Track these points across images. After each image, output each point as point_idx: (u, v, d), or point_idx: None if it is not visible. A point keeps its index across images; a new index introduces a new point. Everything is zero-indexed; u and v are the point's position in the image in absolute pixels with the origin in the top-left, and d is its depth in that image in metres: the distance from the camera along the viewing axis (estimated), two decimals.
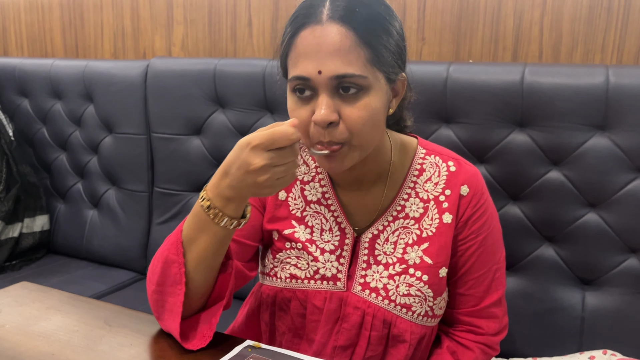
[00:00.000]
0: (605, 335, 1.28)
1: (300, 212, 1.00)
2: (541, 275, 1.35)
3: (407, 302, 0.96)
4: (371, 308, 0.96)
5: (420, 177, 0.99)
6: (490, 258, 1.01)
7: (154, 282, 0.88)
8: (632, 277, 1.27)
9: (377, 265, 0.97)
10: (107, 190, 1.95)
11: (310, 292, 0.98)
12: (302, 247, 0.98)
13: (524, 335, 1.34)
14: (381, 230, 0.98)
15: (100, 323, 0.92)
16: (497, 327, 1.03)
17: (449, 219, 0.97)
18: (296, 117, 0.85)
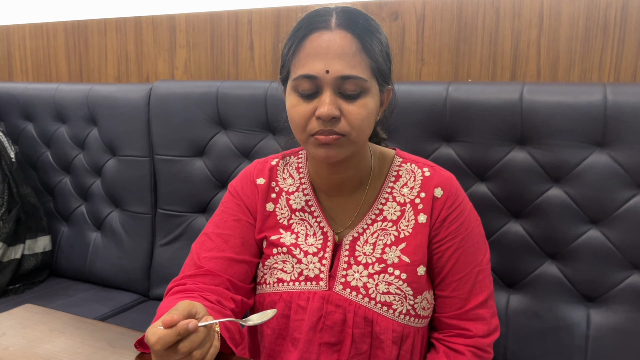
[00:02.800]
0: (611, 354, 1.28)
1: (287, 220, 1.06)
2: (544, 292, 1.34)
3: (387, 300, 0.98)
4: (352, 306, 0.99)
5: (397, 183, 1.04)
6: (471, 260, 1.03)
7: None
8: (636, 293, 1.26)
9: (357, 265, 1.00)
10: (110, 212, 1.96)
11: (295, 293, 1.02)
12: (287, 250, 1.03)
13: (528, 354, 1.34)
14: (361, 232, 1.02)
15: (103, 344, 0.93)
16: (486, 328, 1.04)
17: (423, 219, 1.01)
18: (298, 112, 0.92)
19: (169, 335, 0.73)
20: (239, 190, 1.09)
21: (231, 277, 1.01)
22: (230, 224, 1.06)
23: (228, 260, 1.02)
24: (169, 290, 1.00)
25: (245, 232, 1.06)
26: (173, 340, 0.73)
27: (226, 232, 1.05)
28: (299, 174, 1.09)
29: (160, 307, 0.93)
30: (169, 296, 0.97)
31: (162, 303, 0.95)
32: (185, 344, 0.73)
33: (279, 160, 1.11)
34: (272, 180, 1.09)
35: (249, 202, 1.08)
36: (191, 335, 0.74)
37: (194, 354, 0.75)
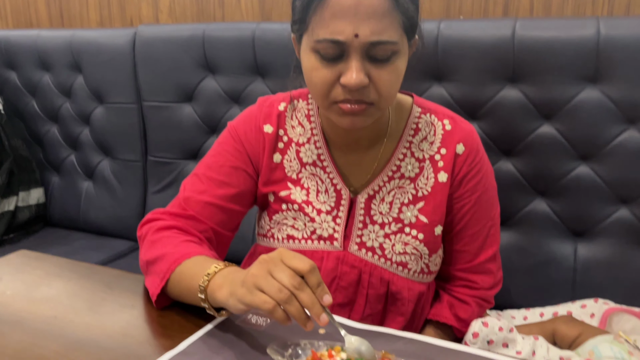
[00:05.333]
0: (596, 285, 1.31)
1: (296, 174, 1.00)
2: (534, 229, 1.37)
3: (403, 260, 0.97)
4: (368, 267, 0.97)
5: (416, 137, 0.99)
6: (485, 215, 1.02)
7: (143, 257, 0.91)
8: (622, 227, 1.29)
9: (373, 225, 0.98)
10: (100, 161, 1.95)
11: (308, 251, 0.99)
12: (299, 208, 0.99)
13: (517, 288, 1.37)
14: (377, 190, 0.98)
15: (101, 287, 0.94)
16: (492, 281, 1.06)
17: (444, 178, 0.97)
18: (318, 77, 0.83)
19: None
20: (241, 135, 1.00)
21: (216, 225, 0.96)
22: (226, 171, 0.98)
23: (216, 207, 0.96)
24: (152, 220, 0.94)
25: (242, 183, 0.99)
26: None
27: (220, 178, 0.98)
28: (310, 123, 1.00)
29: (166, 243, 0.88)
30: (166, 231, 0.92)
31: (166, 239, 0.89)
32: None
33: (286, 105, 1.01)
34: (280, 128, 1.00)
35: (253, 151, 0.99)
36: None
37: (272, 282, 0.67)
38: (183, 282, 0.81)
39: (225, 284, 0.74)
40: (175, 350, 0.75)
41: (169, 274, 0.83)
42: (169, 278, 0.83)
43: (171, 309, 0.86)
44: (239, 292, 0.69)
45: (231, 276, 0.74)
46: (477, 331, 0.99)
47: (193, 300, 0.80)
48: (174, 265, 0.83)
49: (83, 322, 0.82)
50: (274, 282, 0.66)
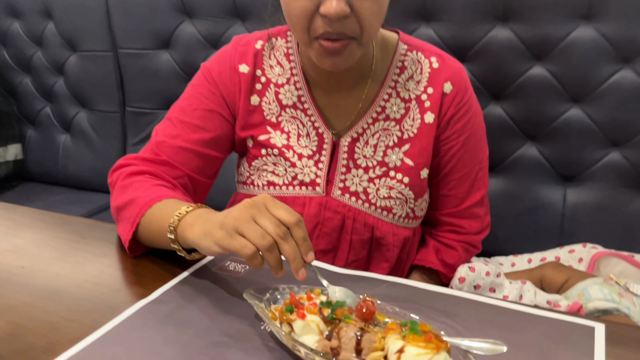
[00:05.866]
0: (585, 230, 1.30)
1: (276, 118, 0.95)
2: (523, 174, 1.34)
3: (388, 205, 0.94)
4: (351, 212, 0.94)
5: (402, 76, 0.94)
6: (473, 158, 0.98)
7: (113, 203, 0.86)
8: (613, 171, 1.26)
9: (356, 169, 0.94)
10: (77, 113, 1.88)
11: (289, 198, 0.95)
12: (279, 153, 0.95)
13: (505, 235, 1.35)
14: (360, 133, 0.94)
15: (72, 236, 0.90)
16: (479, 226, 1.03)
17: (430, 119, 0.93)
18: (297, 7, 0.77)
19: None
20: (215, 76, 0.94)
21: (192, 171, 0.92)
22: (200, 114, 0.93)
23: (191, 152, 0.91)
24: (124, 166, 0.90)
25: (218, 127, 0.94)
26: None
27: (194, 122, 0.92)
28: (289, 62, 0.94)
29: (137, 187, 0.83)
30: (137, 176, 0.87)
31: (137, 184, 0.84)
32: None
33: (264, 43, 0.95)
34: (258, 67, 0.94)
35: (228, 92, 0.94)
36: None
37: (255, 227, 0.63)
38: (153, 224, 0.77)
39: (197, 223, 0.70)
40: (149, 298, 0.71)
41: (139, 218, 0.78)
42: (139, 222, 0.79)
43: (145, 258, 0.83)
44: (217, 235, 0.65)
45: (204, 216, 0.70)
46: (464, 276, 0.97)
47: (164, 244, 0.76)
48: (144, 208, 0.78)
49: (52, 271, 0.79)
50: (257, 228, 0.62)
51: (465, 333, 0.64)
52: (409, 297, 0.72)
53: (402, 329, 0.55)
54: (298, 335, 0.57)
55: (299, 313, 0.58)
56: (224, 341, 0.63)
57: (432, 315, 0.68)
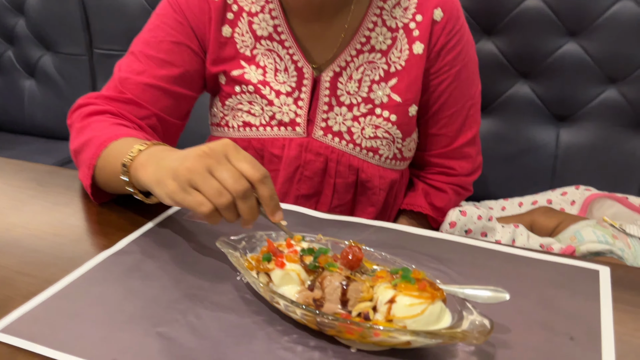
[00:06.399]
0: (578, 172, 1.25)
1: (250, 51, 0.87)
2: (515, 115, 1.28)
3: (374, 146, 0.87)
4: (335, 154, 0.87)
5: (388, 2, 0.85)
6: (465, 93, 0.91)
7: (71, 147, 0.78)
8: (609, 109, 1.20)
9: (339, 107, 0.87)
10: (41, 56, 1.76)
11: (267, 140, 0.88)
12: (255, 90, 0.87)
13: (495, 178, 1.30)
14: (343, 67, 0.86)
15: (31, 184, 0.82)
16: (471, 167, 0.97)
17: (419, 50, 0.85)
18: None
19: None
20: (182, 4, 0.85)
21: (160, 110, 0.84)
22: (166, 47, 0.85)
23: (158, 90, 0.84)
24: (83, 106, 0.82)
25: (186, 62, 0.86)
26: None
27: (160, 56, 0.84)
28: None
29: (94, 127, 0.76)
30: (97, 116, 0.79)
31: (95, 124, 0.77)
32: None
33: None
34: None
35: (197, 23, 0.86)
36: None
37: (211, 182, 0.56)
38: (108, 166, 0.70)
39: (150, 165, 0.62)
40: (112, 249, 0.65)
41: (95, 159, 0.71)
42: (96, 164, 0.71)
43: (111, 206, 0.76)
44: (169, 187, 0.57)
45: (158, 155, 0.62)
46: (455, 220, 0.92)
47: (122, 188, 0.69)
48: (99, 149, 0.71)
49: (7, 222, 0.71)
50: (213, 183, 0.54)
51: (460, 280, 0.58)
52: (398, 243, 0.67)
53: (393, 277, 0.49)
54: (277, 286, 0.52)
55: (277, 262, 0.52)
56: (196, 294, 0.57)
57: (423, 261, 0.62)
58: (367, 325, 0.45)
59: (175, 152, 0.60)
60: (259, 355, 0.48)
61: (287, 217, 0.72)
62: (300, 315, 0.49)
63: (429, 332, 0.44)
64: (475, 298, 0.49)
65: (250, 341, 0.50)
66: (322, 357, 0.48)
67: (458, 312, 0.47)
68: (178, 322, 0.53)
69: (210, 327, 0.52)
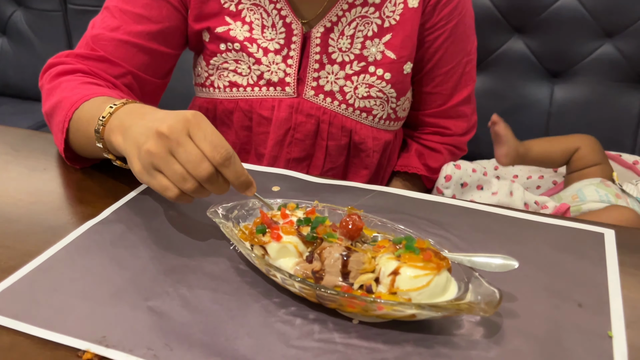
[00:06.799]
0: (571, 129, 1.22)
1: (235, 5, 0.82)
2: (508, 71, 1.25)
3: (367, 106, 0.84)
4: (327, 115, 0.84)
5: None
6: (461, 49, 0.88)
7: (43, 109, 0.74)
8: (605, 64, 1.18)
9: (331, 65, 0.83)
10: (13, 12, 1.67)
11: (255, 100, 0.84)
12: (241, 47, 0.82)
13: (487, 136, 1.27)
14: (335, 22, 0.81)
15: (5, 149, 0.78)
16: (466, 126, 0.95)
17: (415, 3, 0.81)
18: None
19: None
20: None
21: (136, 68, 0.79)
22: (144, 2, 0.79)
23: (134, 47, 0.79)
24: (54, 65, 0.77)
25: (166, 18, 0.80)
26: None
27: (137, 11, 0.79)
28: None
29: (64, 87, 0.71)
30: (67, 75, 0.74)
31: (65, 84, 0.72)
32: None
33: None
34: None
35: None
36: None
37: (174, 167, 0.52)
38: (81, 130, 0.66)
39: (120, 132, 0.57)
40: (96, 218, 0.61)
41: (66, 123, 0.67)
42: (69, 128, 0.67)
43: (92, 172, 0.72)
44: (135, 166, 0.53)
45: (127, 121, 0.57)
46: (450, 174, 0.90)
47: (98, 152, 0.65)
48: (70, 111, 0.66)
49: None
50: (176, 168, 0.50)
51: (462, 245, 0.56)
52: (396, 207, 0.64)
53: (396, 247, 0.46)
54: (273, 259, 0.49)
55: (273, 234, 0.49)
56: (187, 264, 0.54)
57: (422, 226, 0.60)
58: (370, 299, 0.43)
59: (142, 118, 0.55)
60: (255, 329, 0.46)
61: (279, 182, 0.70)
62: (299, 289, 0.46)
63: (435, 305, 0.42)
64: (483, 266, 0.47)
65: (246, 314, 0.48)
66: (322, 330, 0.46)
67: (464, 282, 0.45)
68: (169, 295, 0.50)
69: (203, 299, 0.49)
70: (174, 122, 0.51)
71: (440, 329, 0.45)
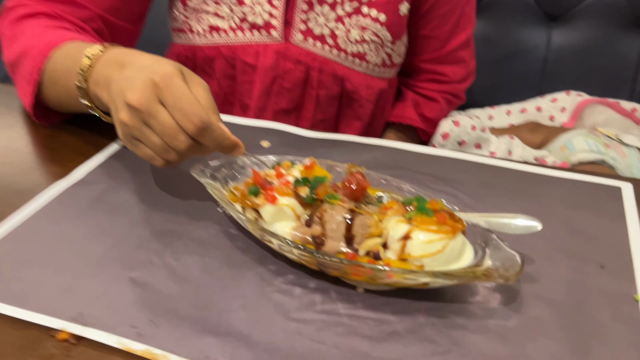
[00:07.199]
0: (569, 76, 1.18)
1: None
2: (503, 15, 1.18)
3: (361, 51, 0.78)
4: (316, 61, 0.78)
5: None
6: None
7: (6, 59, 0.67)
8: (605, 6, 1.12)
9: (321, 6, 0.76)
10: None
11: (239, 46, 0.78)
12: None
13: (482, 84, 1.20)
14: None
15: None
16: (464, 72, 0.90)
17: None
18: None
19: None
20: None
21: (105, 11, 0.72)
22: None
23: None
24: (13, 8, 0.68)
25: None
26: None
27: None
28: None
29: (29, 34, 0.64)
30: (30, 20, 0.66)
31: (29, 30, 0.65)
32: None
33: None
34: None
35: None
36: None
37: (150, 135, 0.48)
38: (59, 83, 0.59)
39: (105, 87, 0.52)
40: (69, 179, 0.56)
41: (36, 74, 0.60)
42: (40, 80, 0.60)
43: (64, 127, 0.66)
44: (119, 131, 0.50)
45: (109, 74, 0.51)
46: (448, 131, 0.85)
47: (78, 106, 0.58)
48: (40, 61, 0.60)
49: None
50: (154, 140, 0.47)
51: (472, 204, 0.52)
52: (396, 163, 0.59)
53: (406, 209, 0.42)
54: (268, 223, 0.44)
55: (267, 196, 0.44)
56: (172, 229, 0.49)
57: (427, 183, 0.56)
58: (379, 267, 0.39)
59: (121, 71, 0.50)
60: (250, 301, 0.42)
61: (268, 137, 0.64)
62: (298, 256, 0.42)
63: (450, 274, 0.38)
64: (501, 228, 0.43)
65: (240, 284, 0.43)
66: (325, 300, 0.42)
67: (480, 246, 0.41)
68: (153, 265, 0.45)
69: (191, 268, 0.45)
70: (141, 89, 0.46)
71: (454, 296, 0.42)
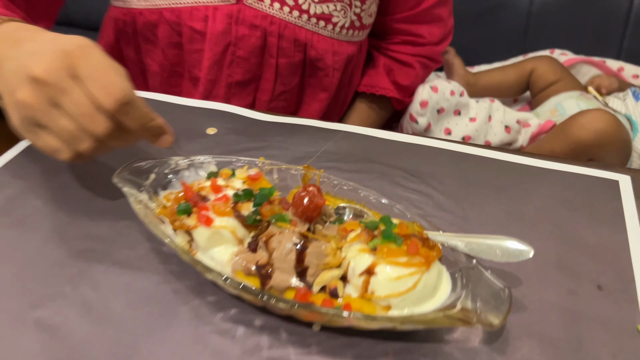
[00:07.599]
0: (553, 32, 1.11)
1: None
2: None
3: (326, 12, 0.68)
4: (275, 25, 0.68)
5: None
6: None
7: None
8: None
9: None
10: None
11: (184, 10, 0.67)
12: None
13: (460, 42, 1.11)
14: None
15: None
16: (442, 32, 0.81)
17: None
18: None
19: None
20: None
21: None
22: None
23: None
24: None
25: None
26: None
27: None
28: None
29: None
30: None
31: None
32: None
33: None
34: None
35: None
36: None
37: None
38: None
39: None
40: None
41: None
42: None
43: None
44: (14, 119, 0.40)
45: (1, 53, 0.42)
46: (426, 99, 0.77)
47: None
48: None
49: None
50: (64, 124, 0.38)
51: (448, 205, 0.44)
52: (364, 155, 0.51)
53: (370, 234, 0.34)
54: (203, 248, 0.36)
55: (200, 216, 0.35)
56: (92, 249, 0.41)
57: (399, 179, 0.48)
58: (335, 312, 0.31)
59: (17, 48, 0.41)
60: (183, 346, 0.34)
61: (216, 122, 0.55)
62: (238, 292, 0.34)
63: (423, 320, 0.31)
64: (485, 253, 0.35)
65: (171, 323, 0.36)
66: (273, 343, 0.34)
67: (460, 276, 0.34)
68: (65, 298, 0.37)
69: (111, 303, 0.37)
70: (51, 59, 0.37)
71: (427, 335, 0.35)
